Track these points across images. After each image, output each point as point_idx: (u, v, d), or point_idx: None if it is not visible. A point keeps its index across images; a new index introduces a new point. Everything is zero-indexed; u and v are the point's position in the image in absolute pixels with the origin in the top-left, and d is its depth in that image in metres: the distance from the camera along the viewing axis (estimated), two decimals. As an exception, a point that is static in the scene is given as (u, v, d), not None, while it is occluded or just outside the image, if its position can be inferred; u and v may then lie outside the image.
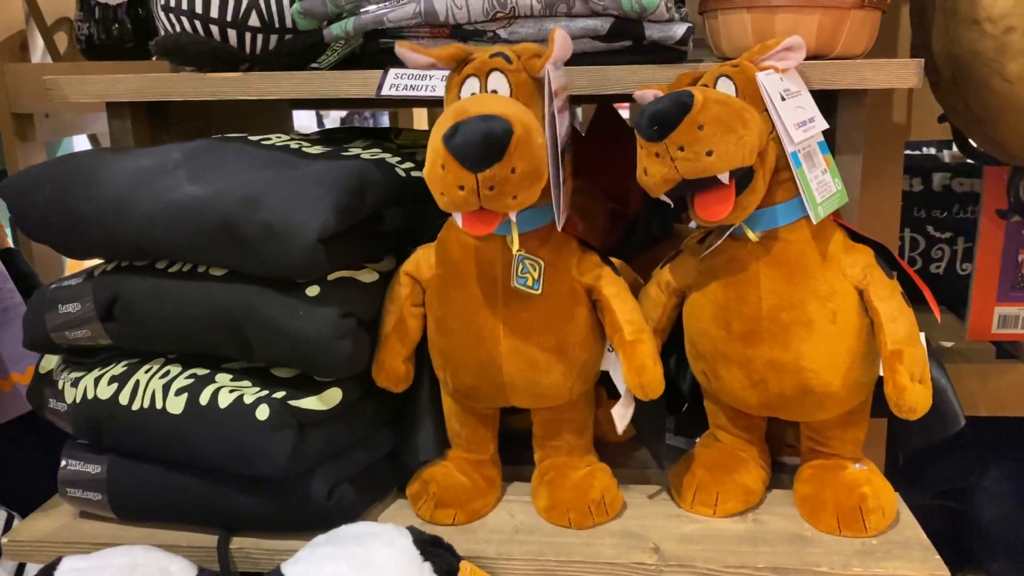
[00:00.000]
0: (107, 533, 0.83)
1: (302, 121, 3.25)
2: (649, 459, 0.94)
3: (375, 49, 0.88)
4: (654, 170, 0.70)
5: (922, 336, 0.77)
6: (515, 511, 0.85)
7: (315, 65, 0.92)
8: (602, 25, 0.82)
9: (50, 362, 0.90)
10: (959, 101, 0.90)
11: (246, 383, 0.79)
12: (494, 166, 0.66)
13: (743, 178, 0.71)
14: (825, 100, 0.81)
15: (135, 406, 0.80)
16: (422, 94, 0.82)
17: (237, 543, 0.80)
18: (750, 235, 0.75)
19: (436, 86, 0.81)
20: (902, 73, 0.79)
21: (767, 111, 0.73)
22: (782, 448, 0.92)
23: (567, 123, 0.76)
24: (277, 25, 0.90)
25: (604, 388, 0.87)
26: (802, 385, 0.77)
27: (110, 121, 0.96)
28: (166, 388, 0.80)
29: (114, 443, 0.83)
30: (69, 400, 0.84)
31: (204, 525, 0.82)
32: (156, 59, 0.96)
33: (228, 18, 0.88)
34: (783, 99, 0.74)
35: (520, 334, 0.78)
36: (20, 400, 1.09)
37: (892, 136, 1.11)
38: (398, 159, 0.88)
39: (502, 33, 0.84)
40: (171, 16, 0.89)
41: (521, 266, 0.75)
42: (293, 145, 0.87)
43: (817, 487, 0.82)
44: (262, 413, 0.76)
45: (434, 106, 0.79)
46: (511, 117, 0.67)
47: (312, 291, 0.76)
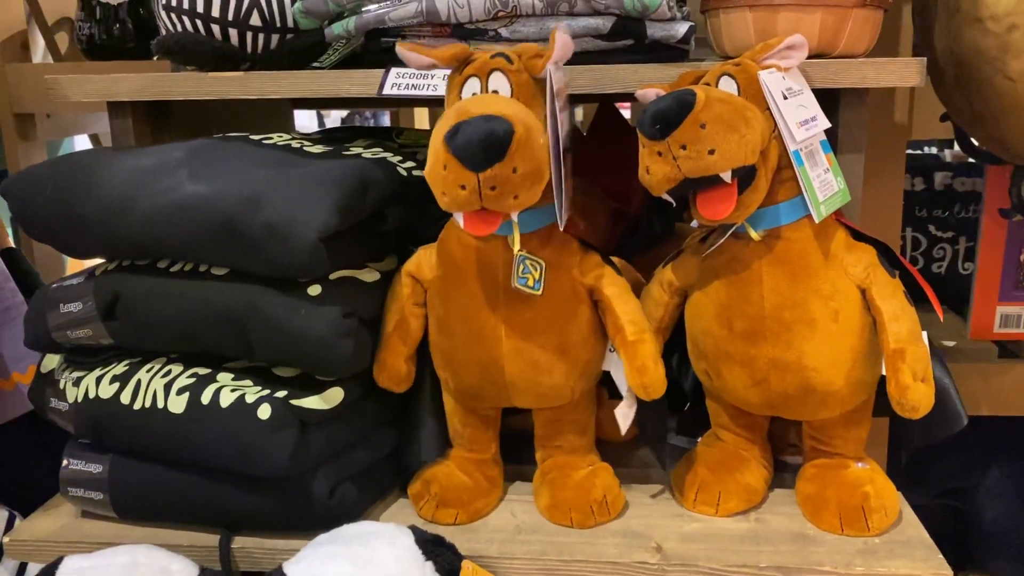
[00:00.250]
0: (109, 532, 0.83)
1: (303, 121, 3.25)
2: (651, 458, 0.95)
3: (376, 48, 0.88)
4: (656, 169, 0.70)
5: (924, 335, 0.77)
6: (517, 510, 0.85)
7: (316, 64, 0.92)
8: (604, 24, 0.82)
9: (52, 361, 0.90)
10: (961, 100, 0.90)
11: (247, 382, 0.79)
12: (495, 166, 0.66)
13: (745, 177, 0.71)
14: (827, 99, 0.81)
15: (136, 405, 0.80)
16: (424, 93, 0.82)
17: (239, 542, 0.80)
18: (752, 234, 0.75)
19: (438, 85, 0.81)
20: (904, 72, 0.79)
21: (769, 110, 0.73)
22: (784, 447, 0.92)
23: (568, 123, 0.76)
24: (278, 24, 0.90)
25: (606, 388, 0.87)
26: (804, 384, 0.77)
27: (111, 121, 0.96)
28: (167, 387, 0.79)
29: (115, 442, 0.83)
30: (71, 399, 0.84)
31: (206, 524, 0.82)
32: (157, 59, 0.96)
33: (229, 17, 0.88)
34: (785, 98, 0.74)
35: (522, 334, 0.78)
36: (22, 400, 1.09)
37: (894, 135, 1.10)
38: (399, 158, 0.88)
39: (504, 32, 0.84)
40: (172, 15, 0.89)
41: (522, 266, 0.75)
42: (294, 144, 0.87)
43: (819, 486, 0.82)
44: (264, 412, 0.76)
45: (436, 106, 0.79)
46: (512, 117, 0.67)
47: (314, 290, 0.76)
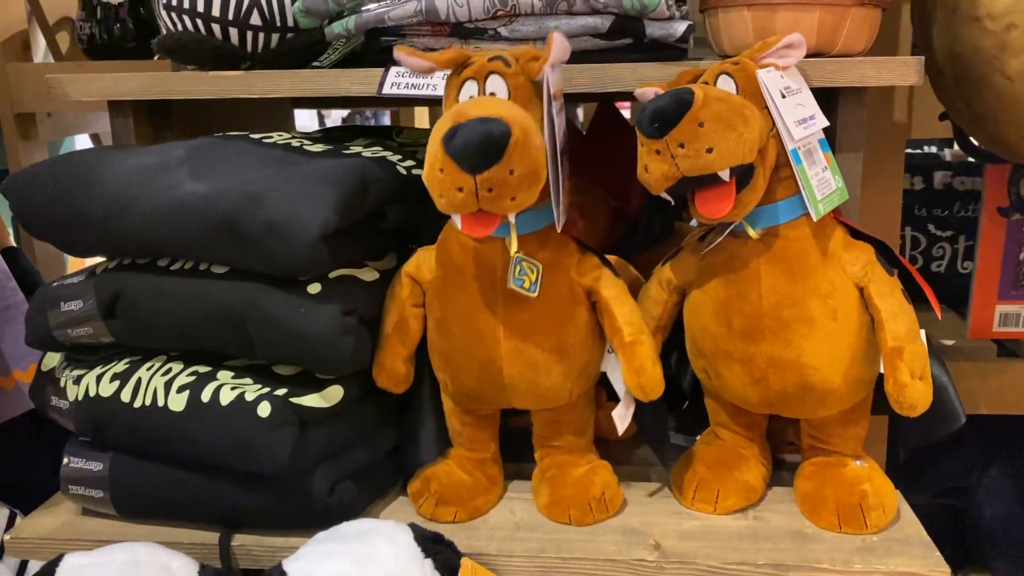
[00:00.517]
0: (109, 530, 0.84)
1: (304, 121, 3.25)
2: (650, 456, 0.95)
3: (376, 47, 0.88)
4: (655, 167, 0.70)
5: (922, 333, 0.77)
6: (516, 508, 0.85)
7: (316, 64, 0.92)
8: (603, 23, 0.82)
9: (52, 360, 0.90)
10: (960, 99, 0.90)
11: (247, 380, 0.79)
12: (492, 168, 0.66)
13: (743, 175, 0.71)
14: (826, 98, 0.81)
15: (137, 403, 0.80)
16: (423, 93, 0.82)
17: (239, 540, 0.80)
18: (751, 232, 0.76)
19: (437, 85, 0.81)
20: (903, 71, 0.79)
21: (767, 108, 0.73)
22: (783, 445, 0.92)
23: (564, 125, 0.76)
24: (278, 23, 0.90)
25: (604, 389, 0.87)
26: (803, 382, 0.77)
27: (112, 120, 0.96)
28: (168, 385, 0.80)
29: (116, 440, 0.83)
30: (71, 398, 0.84)
31: (206, 522, 0.82)
32: (158, 58, 0.96)
33: (230, 17, 0.89)
34: (783, 96, 0.74)
35: (520, 336, 0.78)
36: (22, 398, 1.09)
37: (893, 134, 1.11)
38: (399, 157, 0.88)
39: (503, 31, 0.84)
40: (173, 15, 0.89)
41: (518, 268, 0.75)
42: (295, 143, 0.87)
43: (818, 484, 0.82)
44: (264, 410, 0.76)
45: (435, 105, 0.79)
46: (509, 119, 0.67)
47: (314, 288, 0.77)
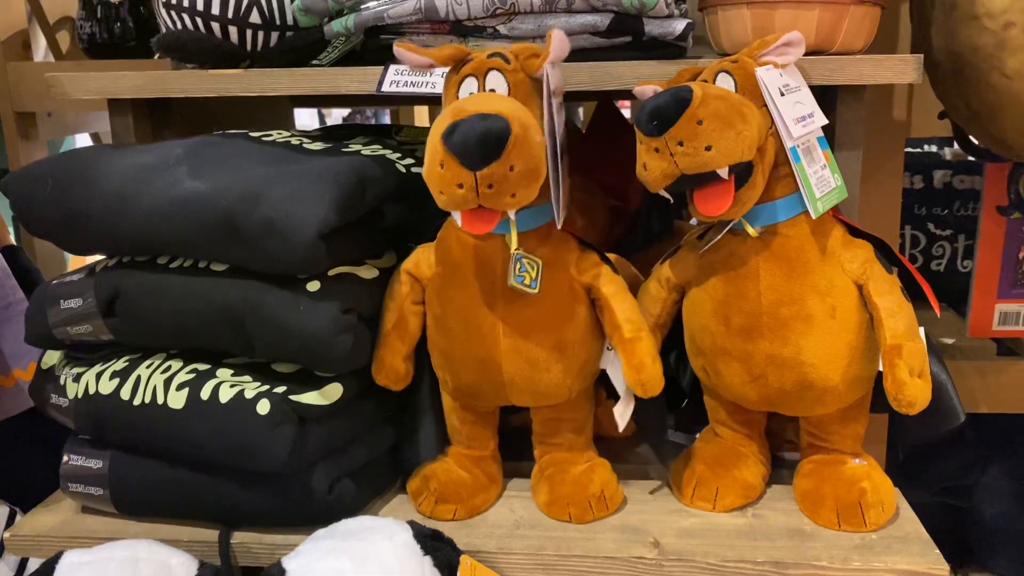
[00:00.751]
0: (109, 528, 0.84)
1: (304, 120, 3.25)
2: (649, 454, 0.95)
3: (376, 45, 0.88)
4: (653, 165, 0.70)
5: (921, 331, 0.77)
6: (515, 506, 0.85)
7: (316, 62, 0.92)
8: (602, 21, 0.82)
9: (52, 358, 0.90)
10: (959, 97, 0.90)
11: (247, 378, 0.79)
12: (492, 164, 0.66)
13: (742, 173, 0.71)
14: (825, 96, 0.81)
15: (136, 401, 0.80)
16: (423, 91, 0.82)
17: (238, 537, 0.80)
18: (749, 230, 0.76)
19: (436, 83, 0.81)
20: (901, 69, 0.79)
21: (766, 106, 0.73)
22: (782, 443, 0.92)
23: (563, 122, 0.76)
24: (278, 22, 0.91)
25: (604, 387, 0.87)
26: (802, 380, 0.77)
27: (112, 118, 0.96)
28: (167, 383, 0.80)
29: (116, 438, 0.83)
30: (71, 395, 0.84)
31: (205, 519, 0.83)
32: (158, 56, 0.96)
33: (229, 15, 0.89)
34: (782, 94, 0.74)
35: (520, 333, 0.78)
36: (22, 396, 1.09)
37: (893, 133, 1.11)
38: (398, 155, 0.88)
39: (502, 29, 0.84)
40: (173, 13, 0.89)
41: (519, 264, 0.75)
42: (294, 141, 0.87)
43: (817, 482, 0.82)
44: (263, 408, 0.76)
45: (435, 103, 0.79)
46: (509, 115, 0.67)
47: (313, 286, 0.77)
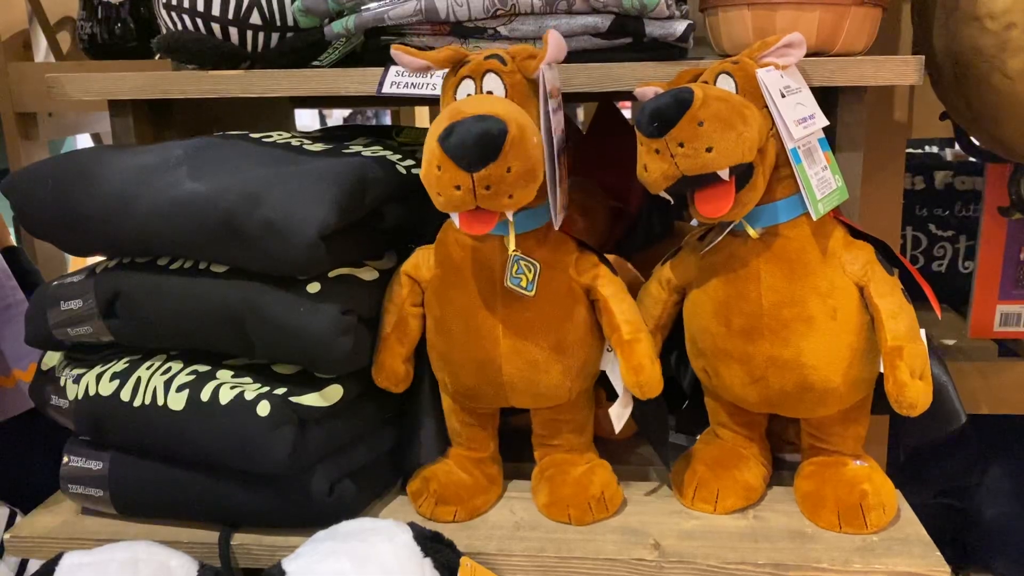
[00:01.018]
0: (109, 529, 0.84)
1: (305, 121, 3.25)
2: (650, 456, 0.95)
3: (376, 46, 0.88)
4: (654, 166, 0.70)
5: (922, 333, 0.77)
6: (516, 508, 0.85)
7: (316, 63, 0.92)
8: (602, 22, 0.82)
9: (52, 359, 0.90)
10: (960, 98, 0.90)
11: (247, 379, 0.79)
12: (489, 166, 0.66)
13: (743, 175, 0.71)
14: (826, 97, 0.81)
15: (136, 403, 0.80)
16: (423, 92, 0.82)
17: (238, 539, 0.80)
18: (750, 232, 0.75)
19: (437, 84, 0.81)
20: (902, 70, 0.79)
21: (767, 108, 0.73)
22: (783, 445, 0.91)
23: (562, 123, 0.76)
24: (278, 23, 0.91)
25: (604, 389, 0.87)
26: (802, 382, 0.77)
27: (112, 119, 0.96)
28: (167, 385, 0.80)
29: (116, 440, 0.83)
30: (71, 397, 0.84)
31: (205, 521, 0.83)
32: (158, 57, 0.96)
33: (230, 16, 0.89)
34: (783, 96, 0.74)
35: (519, 334, 0.78)
36: (22, 397, 1.09)
37: (894, 134, 1.10)
38: (399, 157, 0.88)
39: (502, 30, 0.84)
40: (173, 14, 0.89)
41: (516, 266, 0.75)
42: (294, 142, 0.87)
43: (818, 484, 0.82)
44: (263, 409, 0.76)
45: (435, 104, 0.79)
46: (506, 117, 0.67)
47: (313, 288, 0.77)
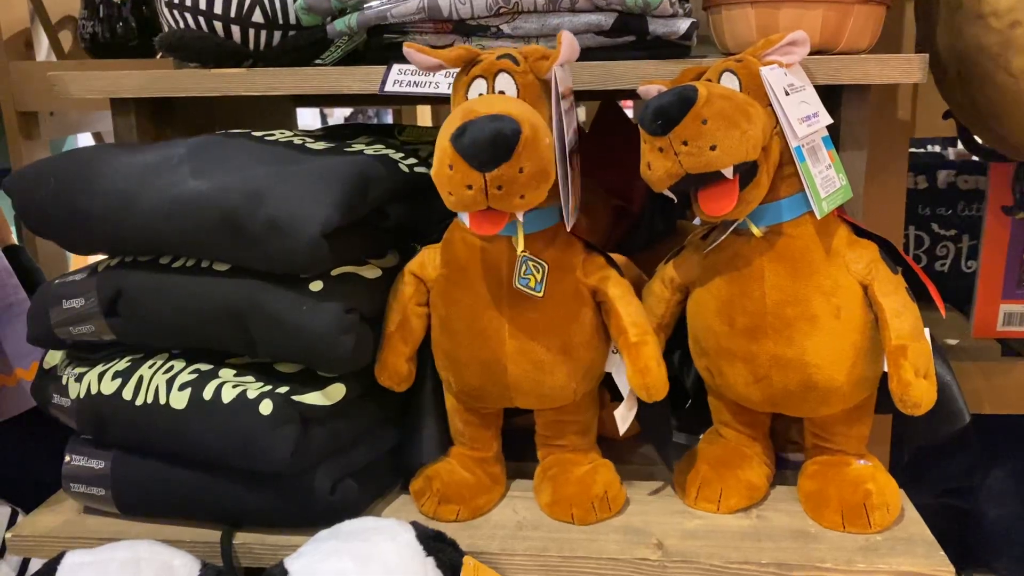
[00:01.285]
0: (111, 528, 0.83)
1: (306, 120, 3.25)
2: (654, 456, 0.94)
3: (379, 45, 0.88)
4: (658, 165, 0.70)
5: (926, 331, 0.77)
6: (519, 507, 0.85)
7: (319, 61, 0.92)
8: (606, 20, 0.82)
9: (54, 358, 0.90)
10: (964, 97, 0.90)
11: (249, 378, 0.79)
12: (502, 166, 0.66)
13: (747, 173, 0.71)
14: (829, 95, 0.81)
15: (139, 401, 0.80)
16: (425, 90, 0.82)
17: (240, 538, 0.80)
18: (754, 230, 0.75)
19: (439, 83, 0.81)
20: (906, 68, 0.78)
21: (771, 106, 0.73)
22: (786, 444, 0.91)
23: (574, 123, 0.76)
24: (281, 21, 0.90)
25: (608, 391, 0.86)
26: (806, 381, 0.77)
27: (114, 118, 0.96)
28: (169, 383, 0.80)
29: (118, 438, 0.83)
30: (73, 395, 0.84)
31: (207, 520, 0.82)
32: (160, 56, 0.96)
33: (232, 14, 0.89)
34: (787, 94, 0.74)
35: (525, 335, 0.77)
36: (24, 396, 1.09)
37: (897, 133, 1.10)
38: (401, 155, 0.88)
39: (505, 28, 0.83)
40: (175, 12, 0.89)
41: (524, 267, 0.75)
42: (297, 141, 0.87)
43: (821, 483, 0.82)
44: (265, 408, 0.76)
45: (437, 103, 0.79)
46: (519, 117, 0.67)
47: (315, 286, 0.76)
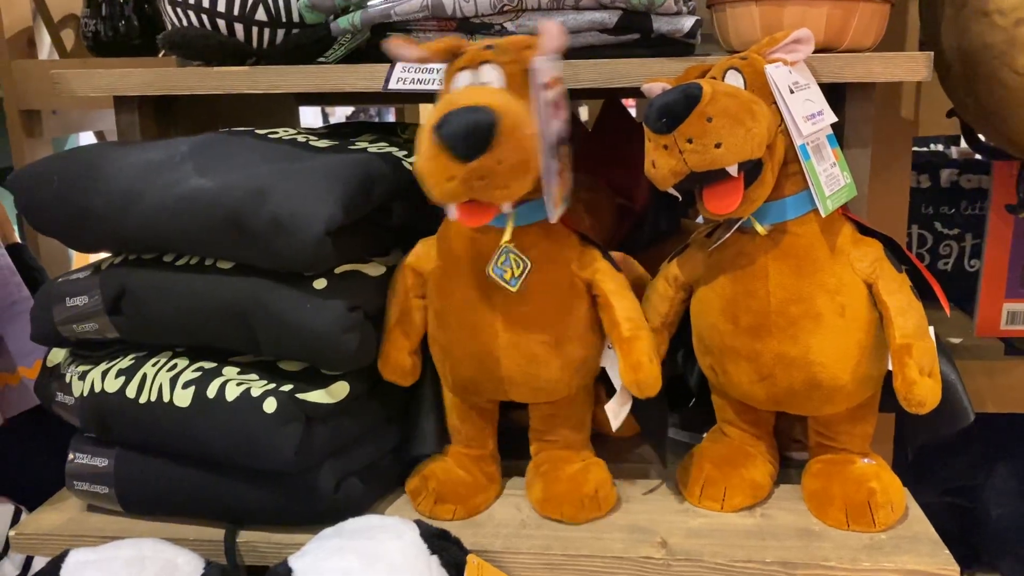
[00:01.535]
0: (114, 526, 0.83)
1: (308, 119, 3.25)
2: (654, 454, 0.94)
3: (382, 43, 0.88)
4: (662, 163, 0.70)
5: (931, 330, 0.77)
6: (522, 505, 0.85)
7: (322, 59, 0.92)
8: (610, 18, 0.82)
9: (57, 356, 0.90)
10: (968, 95, 0.90)
11: (253, 376, 0.79)
12: (481, 156, 0.65)
13: (752, 171, 0.71)
14: (833, 94, 0.81)
15: (142, 399, 0.80)
16: (429, 87, 0.82)
17: (244, 536, 0.80)
18: (758, 228, 0.75)
19: (443, 79, 0.81)
20: (912, 66, 0.78)
21: (776, 104, 0.73)
22: (790, 443, 0.91)
23: (564, 114, 0.75)
24: (284, 19, 0.90)
25: (604, 386, 0.86)
26: (810, 379, 0.77)
27: (117, 116, 0.96)
28: (173, 381, 0.79)
29: (121, 436, 0.83)
30: (76, 393, 0.84)
31: (211, 518, 0.82)
32: (163, 54, 0.96)
33: (235, 12, 0.89)
34: (792, 92, 0.74)
35: (519, 328, 0.77)
36: (28, 394, 1.09)
37: (900, 131, 1.10)
38: (404, 153, 0.87)
39: (509, 26, 0.83)
40: (178, 10, 0.89)
41: (503, 258, 0.74)
42: (300, 139, 0.87)
43: (825, 482, 0.82)
44: (269, 406, 0.76)
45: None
46: (498, 107, 0.66)
47: (319, 284, 0.76)
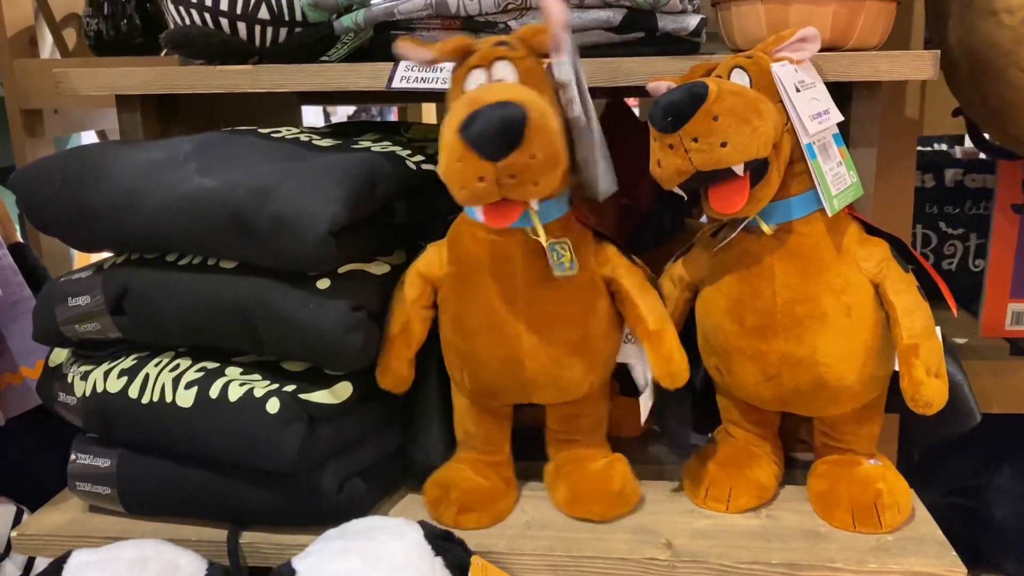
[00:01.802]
0: (117, 527, 0.83)
1: (310, 119, 3.25)
2: (661, 454, 0.94)
3: (386, 41, 0.87)
4: (668, 162, 0.69)
5: (937, 330, 0.76)
6: (526, 507, 0.84)
7: (325, 58, 0.91)
8: (614, 16, 0.81)
9: (60, 356, 0.90)
10: (975, 94, 0.90)
11: (256, 376, 0.79)
12: (513, 153, 0.64)
13: (758, 170, 0.71)
14: (839, 93, 0.80)
15: (145, 399, 0.80)
16: (433, 86, 0.81)
17: (247, 537, 0.80)
18: (764, 228, 0.75)
19: (447, 78, 0.80)
20: (918, 65, 0.78)
21: (782, 102, 0.73)
22: (795, 444, 0.91)
23: (589, 103, 0.73)
24: (286, 18, 0.90)
25: (617, 381, 0.86)
26: (816, 379, 0.76)
27: (120, 115, 0.95)
28: (176, 381, 0.79)
29: (123, 437, 0.83)
30: (79, 394, 0.84)
31: (214, 519, 0.82)
32: (165, 53, 0.96)
33: (238, 11, 0.88)
34: (798, 90, 0.73)
35: (543, 329, 0.76)
36: (30, 394, 1.08)
37: (905, 131, 1.10)
38: (408, 152, 0.87)
39: (513, 25, 0.83)
40: (181, 9, 0.89)
41: (555, 253, 0.73)
42: (303, 138, 0.87)
43: (831, 483, 0.81)
44: (272, 406, 0.75)
45: (443, 100, 0.78)
46: (525, 102, 0.65)
47: (323, 284, 0.76)
